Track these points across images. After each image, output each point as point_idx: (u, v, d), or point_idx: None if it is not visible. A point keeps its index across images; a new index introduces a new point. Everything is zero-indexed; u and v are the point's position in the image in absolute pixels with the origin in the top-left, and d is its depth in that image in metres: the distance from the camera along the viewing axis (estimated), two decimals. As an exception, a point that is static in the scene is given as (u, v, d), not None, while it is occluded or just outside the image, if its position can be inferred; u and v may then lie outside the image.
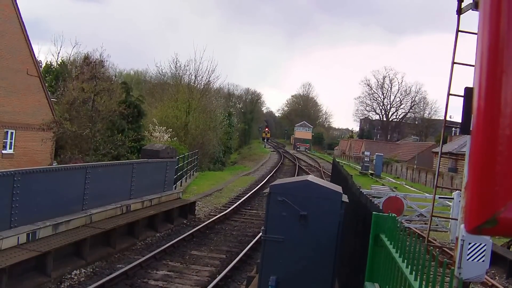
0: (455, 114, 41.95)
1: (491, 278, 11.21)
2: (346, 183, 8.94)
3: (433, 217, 10.23)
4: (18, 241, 9.08)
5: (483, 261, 5.75)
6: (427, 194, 22.58)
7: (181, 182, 23.31)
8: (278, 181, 6.98)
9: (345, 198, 6.41)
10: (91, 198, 11.83)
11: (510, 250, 13.58)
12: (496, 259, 11.82)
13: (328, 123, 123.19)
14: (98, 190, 12.11)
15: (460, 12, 6.53)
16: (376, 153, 46.17)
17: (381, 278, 4.20)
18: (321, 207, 6.29)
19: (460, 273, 5.63)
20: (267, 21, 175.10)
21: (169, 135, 30.53)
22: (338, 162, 17.52)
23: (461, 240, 5.65)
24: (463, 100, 5.60)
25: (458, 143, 39.83)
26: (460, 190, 9.81)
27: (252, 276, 9.19)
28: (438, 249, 12.70)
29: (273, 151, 73.82)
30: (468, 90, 5.48)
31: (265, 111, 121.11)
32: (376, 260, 4.58)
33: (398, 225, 3.88)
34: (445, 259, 3.46)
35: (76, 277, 9.55)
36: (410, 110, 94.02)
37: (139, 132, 28.04)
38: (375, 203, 6.12)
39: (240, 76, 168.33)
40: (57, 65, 44.76)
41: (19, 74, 22.30)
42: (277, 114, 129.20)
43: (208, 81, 41.29)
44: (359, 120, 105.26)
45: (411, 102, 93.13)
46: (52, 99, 25.64)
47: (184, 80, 40.52)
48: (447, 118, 8.16)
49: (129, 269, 9.96)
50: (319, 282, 6.25)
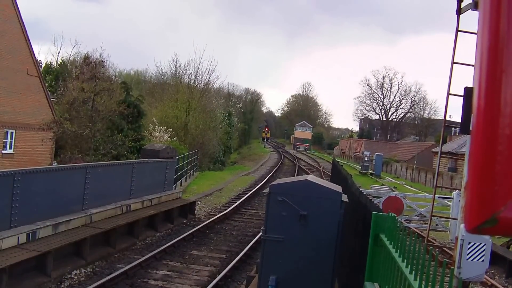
0: (455, 114, 42.05)
1: (491, 278, 11.21)
2: (346, 183, 8.94)
3: (432, 217, 10.24)
4: (18, 241, 9.08)
5: (483, 260, 5.74)
6: (426, 194, 22.61)
7: (181, 182, 23.30)
8: (278, 181, 6.99)
9: (345, 198, 6.41)
10: (91, 198, 11.83)
11: (509, 249, 13.59)
12: (495, 259, 11.82)
13: (328, 123, 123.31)
14: (98, 190, 12.12)
15: (459, 12, 6.54)
16: (376, 153, 46.11)
17: (381, 277, 4.20)
18: (321, 207, 6.29)
19: (459, 272, 5.63)
20: (267, 21, 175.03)
21: (169, 135, 30.52)
22: (338, 162, 17.52)
23: (460, 239, 5.65)
24: (462, 100, 5.59)
25: (458, 143, 39.84)
26: (459, 190, 9.80)
27: (252, 275, 9.19)
28: (437, 249, 12.70)
29: (273, 151, 73.76)
30: (467, 90, 5.47)
31: (265, 111, 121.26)
32: (376, 260, 4.58)
33: (398, 225, 3.89)
34: (444, 259, 3.46)
35: (76, 277, 9.55)
36: (410, 110, 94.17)
37: (139, 132, 28.05)
38: (374, 203, 6.13)
39: (240, 76, 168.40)
40: (57, 65, 44.72)
41: (19, 74, 22.29)
42: (277, 114, 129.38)
43: (208, 81, 41.38)
44: (359, 120, 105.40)
45: (411, 102, 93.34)
46: (52, 99, 25.63)
47: (184, 80, 40.58)
48: (447, 118, 8.17)
49: (129, 269, 9.97)
50: (319, 282, 6.26)
